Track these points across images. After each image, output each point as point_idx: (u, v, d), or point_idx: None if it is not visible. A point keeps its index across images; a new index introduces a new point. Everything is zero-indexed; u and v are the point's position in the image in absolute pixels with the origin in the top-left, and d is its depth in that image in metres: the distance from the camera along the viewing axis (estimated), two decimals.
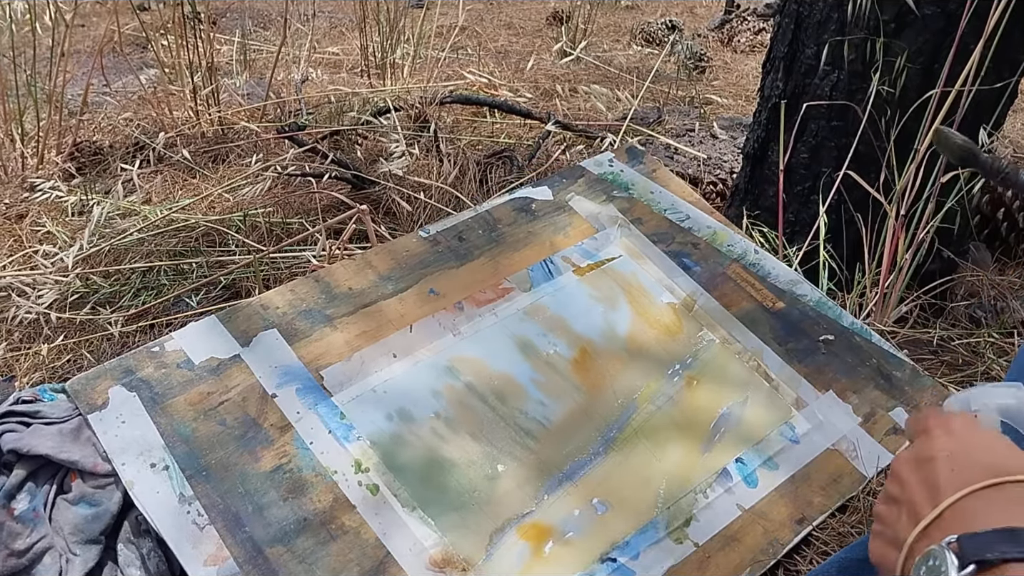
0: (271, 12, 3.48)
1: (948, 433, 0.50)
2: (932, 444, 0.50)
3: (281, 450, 0.85)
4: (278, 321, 0.97)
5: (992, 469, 0.46)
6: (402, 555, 0.79)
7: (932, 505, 0.46)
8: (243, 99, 2.26)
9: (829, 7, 1.39)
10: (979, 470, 0.46)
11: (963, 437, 0.50)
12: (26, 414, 0.85)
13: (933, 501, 0.46)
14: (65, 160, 1.88)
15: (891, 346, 1.13)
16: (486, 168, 1.79)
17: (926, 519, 0.45)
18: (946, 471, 0.47)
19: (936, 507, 0.45)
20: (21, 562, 0.78)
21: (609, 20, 3.68)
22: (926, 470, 0.48)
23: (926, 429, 0.52)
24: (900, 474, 0.50)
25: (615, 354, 1.03)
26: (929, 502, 0.46)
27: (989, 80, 1.27)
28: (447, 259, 1.08)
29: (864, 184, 1.32)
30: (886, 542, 0.49)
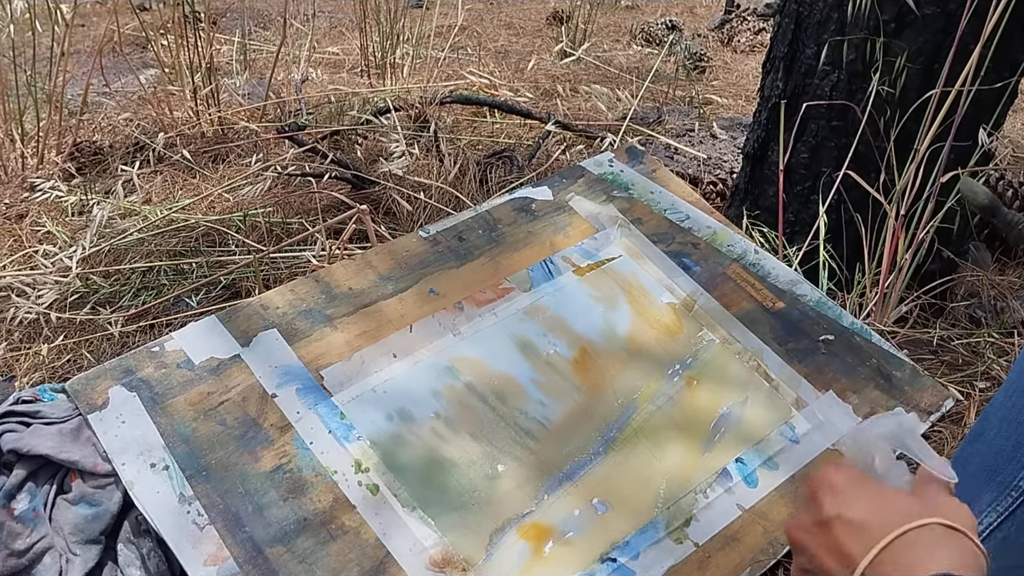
0: (271, 12, 3.48)
1: (833, 493, 0.52)
2: (821, 509, 0.51)
3: (281, 450, 0.85)
4: (278, 321, 0.97)
5: (885, 521, 0.47)
6: (402, 555, 0.79)
7: (848, 570, 0.47)
8: (243, 99, 2.26)
9: (829, 7, 1.39)
10: (875, 526, 0.48)
11: (848, 495, 0.51)
12: (26, 414, 0.85)
13: (847, 566, 0.47)
14: (65, 160, 1.88)
15: (891, 346, 1.13)
16: (486, 168, 1.79)
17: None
18: (844, 533, 0.49)
19: (853, 572, 0.47)
20: (21, 562, 0.78)
21: (609, 20, 3.68)
22: (825, 535, 0.50)
23: (811, 494, 0.53)
24: (801, 543, 0.52)
25: (615, 354, 1.03)
26: (844, 568, 0.48)
27: (989, 80, 1.27)
28: (447, 259, 1.08)
29: (864, 184, 1.32)
30: None
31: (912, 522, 0.46)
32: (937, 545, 0.46)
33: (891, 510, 0.48)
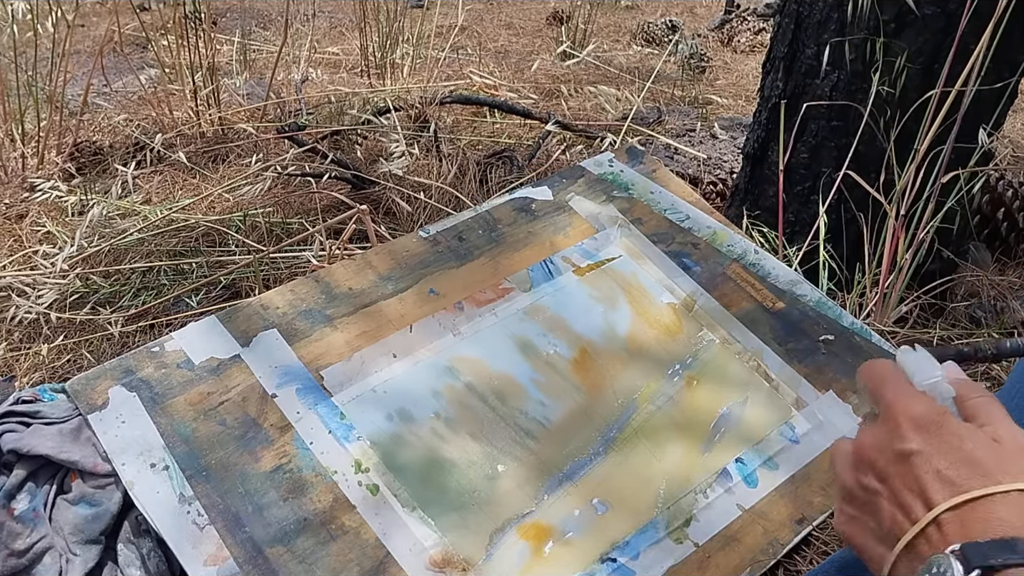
0: (271, 12, 3.48)
1: (918, 428, 0.50)
2: (906, 437, 0.50)
3: (281, 450, 0.85)
4: (278, 321, 0.97)
5: (977, 474, 0.46)
6: (402, 555, 0.79)
7: (925, 507, 0.46)
8: (243, 99, 2.26)
9: (829, 7, 1.39)
10: (964, 474, 0.47)
11: (937, 435, 0.49)
12: (26, 414, 0.85)
13: (925, 504, 0.46)
14: (65, 160, 1.88)
15: (891, 346, 1.13)
16: (486, 168, 1.79)
17: (921, 522, 0.46)
18: (930, 471, 0.47)
19: (931, 511, 0.46)
20: (21, 562, 0.78)
21: (609, 20, 3.68)
22: (907, 466, 0.48)
23: (893, 409, 0.51)
24: (876, 464, 0.50)
25: (615, 354, 1.03)
26: (921, 504, 0.47)
27: (989, 80, 1.27)
28: (447, 259, 1.08)
29: (864, 184, 1.32)
30: (863, 529, 0.50)
31: (999, 482, 0.46)
32: (1013, 509, 0.45)
33: (976, 460, 0.47)
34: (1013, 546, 0.43)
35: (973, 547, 0.43)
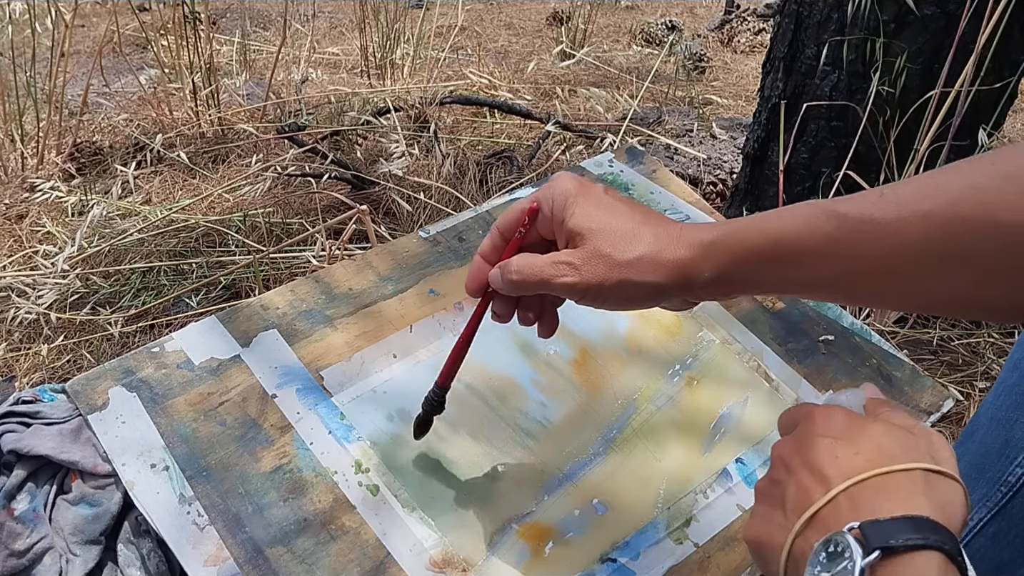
0: (271, 12, 3.48)
1: (827, 418, 0.50)
2: (814, 428, 0.50)
3: (281, 450, 0.85)
4: (278, 321, 0.97)
5: (879, 458, 0.46)
6: (402, 556, 0.79)
7: (823, 490, 0.45)
8: (243, 99, 2.26)
9: (829, 7, 1.39)
10: (863, 457, 0.46)
11: (844, 424, 0.50)
12: (26, 414, 0.85)
13: (824, 486, 0.46)
14: (65, 160, 1.88)
15: (891, 346, 1.13)
16: (486, 168, 1.79)
17: (818, 503, 0.45)
18: (830, 456, 0.47)
19: (828, 492, 0.45)
20: (21, 562, 0.78)
21: (609, 20, 3.68)
22: (810, 453, 0.48)
23: (808, 414, 0.52)
24: (783, 457, 0.50)
25: (615, 354, 1.03)
26: (820, 486, 0.46)
27: (989, 80, 1.27)
28: (447, 259, 1.08)
29: (864, 184, 1.33)
30: (767, 522, 0.49)
31: (900, 463, 0.45)
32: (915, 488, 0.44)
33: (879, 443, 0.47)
34: (916, 524, 0.41)
35: (872, 525, 0.42)
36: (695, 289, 0.55)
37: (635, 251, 0.54)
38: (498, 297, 0.68)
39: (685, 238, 0.54)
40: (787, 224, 0.53)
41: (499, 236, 0.65)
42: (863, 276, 0.50)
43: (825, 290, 0.53)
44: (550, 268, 0.58)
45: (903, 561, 0.40)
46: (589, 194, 0.59)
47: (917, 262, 0.47)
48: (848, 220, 0.50)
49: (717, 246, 0.53)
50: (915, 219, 0.47)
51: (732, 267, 0.53)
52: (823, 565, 0.42)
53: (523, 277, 0.61)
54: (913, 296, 0.50)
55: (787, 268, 0.52)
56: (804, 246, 0.51)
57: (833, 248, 0.50)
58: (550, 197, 0.60)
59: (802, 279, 0.52)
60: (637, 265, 0.54)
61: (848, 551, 0.41)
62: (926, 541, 0.40)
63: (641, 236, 0.55)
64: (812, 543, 0.44)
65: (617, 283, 0.55)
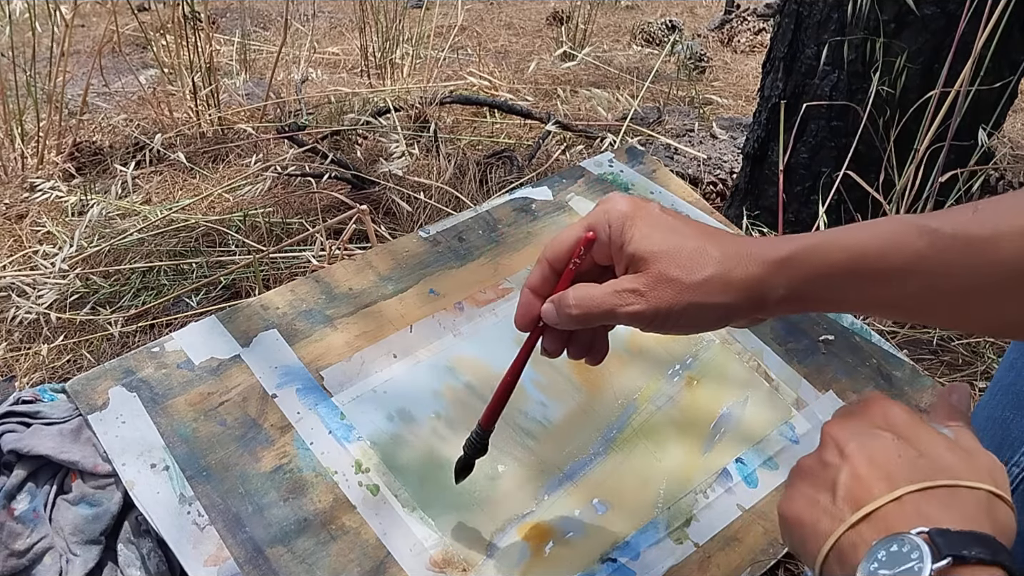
0: (271, 12, 3.48)
1: (889, 412, 0.49)
2: (875, 420, 0.49)
3: (281, 450, 0.85)
4: (278, 321, 0.97)
5: (943, 470, 0.45)
6: (402, 556, 0.79)
7: (886, 487, 0.44)
8: (243, 99, 2.26)
9: (829, 7, 1.39)
10: (927, 463, 0.45)
11: (907, 423, 0.48)
12: (26, 414, 0.85)
13: (887, 483, 0.44)
14: (65, 160, 1.88)
15: (891, 346, 1.13)
16: (486, 168, 1.79)
17: (880, 499, 0.44)
18: (892, 454, 0.46)
19: (893, 491, 0.44)
20: (21, 562, 0.78)
21: (609, 20, 3.68)
22: (871, 444, 0.47)
23: (868, 401, 0.51)
24: (837, 440, 0.48)
25: (615, 354, 1.02)
26: (881, 482, 0.44)
27: (989, 80, 1.27)
28: (447, 259, 1.08)
29: (864, 184, 1.33)
30: (812, 504, 0.47)
31: (964, 479, 0.44)
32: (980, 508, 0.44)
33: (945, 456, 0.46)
34: (984, 541, 0.41)
35: (942, 535, 0.41)
36: (768, 307, 0.53)
37: (703, 272, 0.52)
38: (548, 331, 0.64)
39: (756, 255, 0.52)
40: (871, 239, 0.50)
41: (549, 268, 0.61)
42: (951, 295, 0.48)
43: (908, 310, 0.51)
44: (614, 298, 0.55)
45: (970, 573, 0.40)
46: (647, 215, 0.56)
47: (1011, 280, 0.46)
48: (940, 236, 0.48)
49: (792, 262, 0.51)
50: (1014, 235, 0.45)
51: (809, 284, 0.51)
52: (882, 563, 0.41)
53: (585, 311, 0.57)
54: (1002, 318, 0.48)
55: (870, 286, 0.50)
56: (890, 263, 0.49)
57: (922, 265, 0.48)
58: (606, 222, 0.57)
59: (885, 297, 0.50)
60: (706, 286, 0.52)
61: (917, 552, 0.40)
62: (995, 558, 0.40)
63: (708, 255, 0.52)
64: (868, 539, 0.43)
65: (686, 307, 0.53)
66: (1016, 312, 0.47)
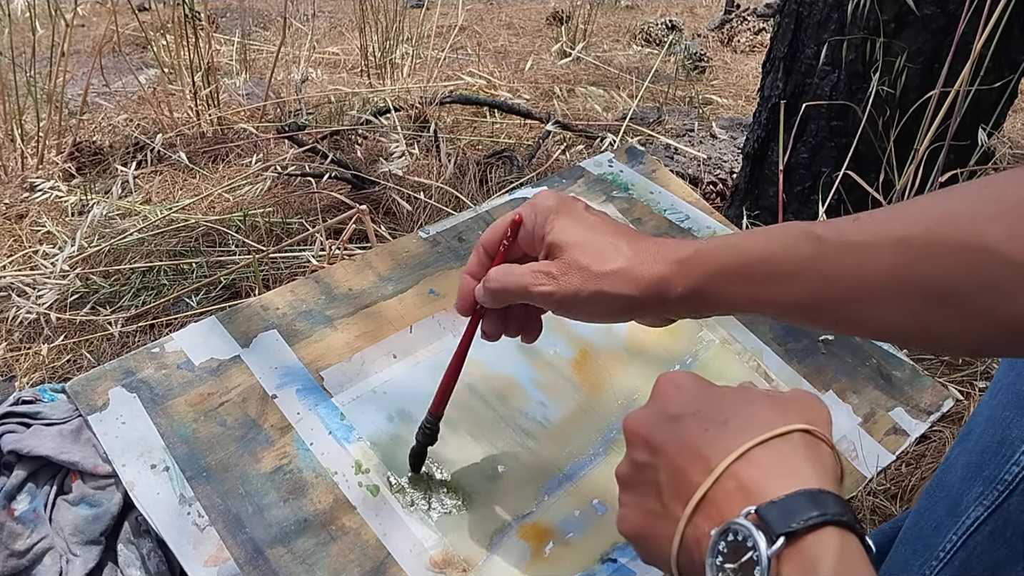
0: (271, 12, 3.48)
1: (680, 388, 0.49)
2: (670, 401, 0.48)
3: (281, 451, 0.85)
4: (278, 322, 0.97)
5: (753, 425, 0.44)
6: (402, 556, 0.79)
7: (702, 469, 0.43)
8: (243, 99, 2.26)
9: (829, 7, 1.39)
10: (735, 427, 0.44)
11: (701, 392, 0.48)
12: (26, 415, 0.85)
13: (702, 465, 0.43)
14: (65, 160, 1.88)
15: (891, 346, 1.13)
16: (486, 168, 1.79)
17: (702, 487, 0.43)
18: (698, 430, 0.45)
19: (710, 472, 0.43)
20: (21, 563, 0.78)
21: (609, 20, 3.68)
22: (675, 430, 0.46)
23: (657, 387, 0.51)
24: (642, 436, 0.48)
25: (615, 354, 1.03)
26: (697, 466, 0.43)
27: (989, 80, 1.27)
28: (447, 260, 1.08)
29: (864, 184, 1.33)
30: (644, 512, 0.46)
31: (775, 428, 0.43)
32: (798, 454, 0.43)
33: (749, 412, 0.45)
34: (812, 499, 0.40)
35: (770, 508, 0.40)
36: (668, 304, 0.56)
37: (612, 264, 0.56)
38: (488, 315, 0.68)
39: (662, 254, 0.55)
40: (762, 243, 0.52)
41: (484, 253, 0.66)
42: (834, 300, 0.49)
43: (794, 311, 0.52)
44: (528, 277, 0.59)
45: (807, 542, 0.39)
46: (570, 210, 0.60)
47: (888, 288, 0.46)
48: (823, 242, 0.49)
49: (691, 262, 0.54)
50: (888, 243, 0.46)
51: (704, 283, 0.53)
52: (725, 556, 0.40)
53: (502, 286, 0.61)
54: (878, 322, 0.49)
55: (758, 287, 0.52)
56: (777, 265, 0.51)
57: (806, 269, 0.50)
58: (533, 212, 0.61)
59: (772, 299, 0.52)
60: (612, 277, 0.55)
61: (750, 539, 0.39)
62: (825, 516, 0.39)
63: (619, 250, 0.56)
64: (706, 531, 0.42)
65: (592, 294, 0.56)
66: (891, 317, 0.48)
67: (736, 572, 0.40)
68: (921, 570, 0.63)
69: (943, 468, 0.68)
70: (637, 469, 0.48)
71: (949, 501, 0.64)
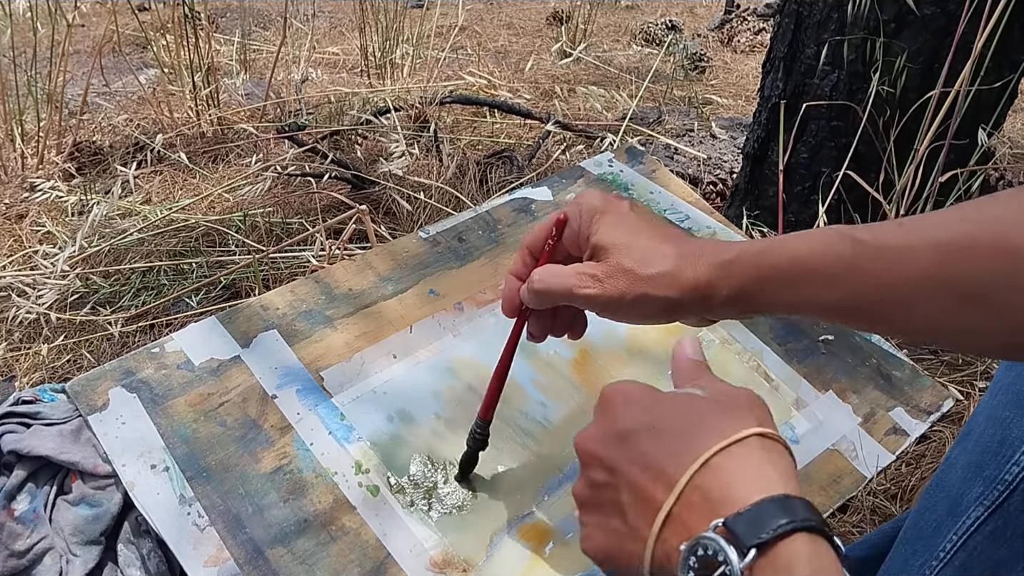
0: (271, 12, 3.48)
1: (629, 401, 0.48)
2: (620, 416, 0.48)
3: (281, 451, 0.85)
4: (278, 322, 0.97)
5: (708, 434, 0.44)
6: (402, 556, 0.79)
7: (665, 487, 0.43)
8: (243, 99, 2.26)
9: (829, 7, 1.39)
10: (691, 437, 0.44)
11: (656, 409, 0.47)
12: (26, 415, 0.85)
13: (663, 481, 0.43)
14: (65, 160, 1.88)
15: (891, 346, 1.13)
16: (486, 168, 1.79)
17: (667, 503, 0.42)
18: (654, 444, 0.45)
19: (673, 488, 0.42)
20: (21, 563, 0.78)
21: (609, 20, 3.68)
22: (632, 449, 0.45)
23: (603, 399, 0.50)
24: (597, 455, 0.47)
25: (615, 354, 1.03)
26: (658, 482, 0.43)
27: (989, 80, 1.27)
28: (447, 260, 1.08)
29: (864, 184, 1.33)
30: (608, 532, 0.46)
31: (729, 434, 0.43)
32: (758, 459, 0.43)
33: (702, 420, 0.45)
34: (779, 505, 0.40)
35: (737, 520, 0.39)
36: (713, 307, 0.56)
37: (656, 267, 0.56)
38: (534, 316, 0.68)
39: (706, 258, 0.55)
40: (804, 245, 0.53)
41: (528, 254, 0.66)
42: (872, 301, 0.50)
43: (836, 313, 0.53)
44: (573, 279, 0.59)
45: (779, 550, 0.39)
46: (616, 211, 0.60)
47: (925, 288, 0.47)
48: (864, 245, 0.50)
49: (735, 265, 0.54)
50: (926, 246, 0.47)
51: (749, 286, 0.54)
52: (696, 571, 0.40)
53: (546, 287, 0.61)
54: (913, 324, 0.50)
55: (801, 288, 0.52)
56: (819, 266, 0.51)
57: (846, 270, 0.50)
58: (577, 212, 0.61)
59: (815, 300, 0.52)
60: (657, 280, 0.55)
61: (721, 554, 0.39)
62: (795, 523, 0.39)
63: (663, 254, 0.56)
64: (675, 545, 0.42)
65: (637, 297, 0.56)
66: (927, 317, 0.49)
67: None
68: (921, 570, 0.63)
69: (943, 468, 0.68)
70: (596, 489, 0.47)
71: (949, 501, 0.64)
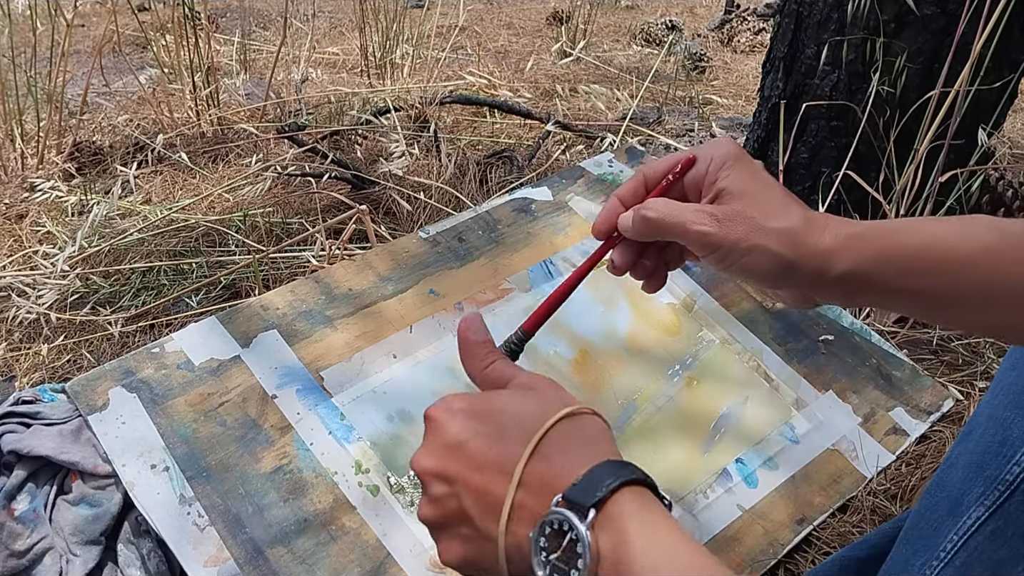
0: (271, 12, 3.48)
1: (451, 414, 0.49)
2: (447, 430, 0.48)
3: (281, 451, 0.85)
4: (278, 322, 0.97)
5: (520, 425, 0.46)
6: (402, 556, 0.79)
7: (505, 481, 0.44)
8: (243, 99, 2.26)
9: (829, 7, 1.39)
10: (514, 433, 0.45)
11: (476, 414, 0.48)
12: (27, 415, 0.85)
13: (503, 478, 0.44)
14: (65, 160, 1.88)
15: (891, 346, 1.13)
16: (486, 168, 1.79)
17: (509, 495, 0.44)
18: (484, 447, 0.46)
19: (511, 480, 0.44)
20: (21, 563, 0.78)
21: (609, 20, 3.68)
22: (465, 457, 0.46)
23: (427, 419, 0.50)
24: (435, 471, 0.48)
25: (615, 354, 1.03)
26: (499, 481, 0.44)
27: (989, 80, 1.27)
28: (447, 260, 1.08)
29: (864, 184, 1.32)
30: (463, 541, 0.47)
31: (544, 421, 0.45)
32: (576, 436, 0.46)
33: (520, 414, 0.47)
34: (605, 469, 0.42)
35: (573, 489, 0.42)
36: (823, 282, 0.53)
37: (781, 222, 0.53)
38: (622, 246, 0.62)
39: (832, 228, 0.52)
40: (942, 227, 0.50)
41: (642, 181, 0.60)
42: (1007, 293, 0.49)
43: (962, 303, 0.51)
44: (690, 213, 0.54)
45: (611, 506, 0.41)
46: (748, 163, 0.57)
47: None
48: (1008, 234, 0.49)
49: (860, 239, 0.51)
50: None
51: (868, 264, 0.51)
52: (547, 550, 0.41)
53: (660, 215, 0.56)
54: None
55: (932, 274, 0.50)
56: (958, 252, 0.49)
57: (987, 258, 0.49)
58: (709, 155, 0.57)
59: (943, 287, 0.50)
60: (779, 235, 0.52)
61: (566, 523, 0.41)
62: (621, 478, 0.42)
63: (791, 212, 0.53)
64: (524, 535, 0.43)
65: (752, 247, 0.53)
66: None
67: (561, 559, 0.41)
68: (922, 570, 0.63)
69: (944, 468, 0.68)
70: (439, 503, 0.48)
71: (950, 501, 0.64)
